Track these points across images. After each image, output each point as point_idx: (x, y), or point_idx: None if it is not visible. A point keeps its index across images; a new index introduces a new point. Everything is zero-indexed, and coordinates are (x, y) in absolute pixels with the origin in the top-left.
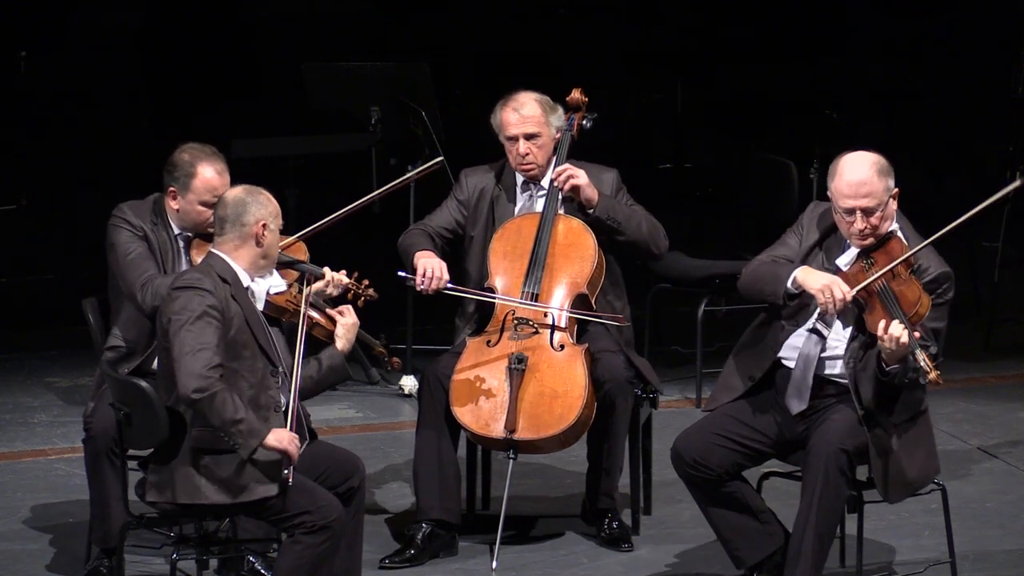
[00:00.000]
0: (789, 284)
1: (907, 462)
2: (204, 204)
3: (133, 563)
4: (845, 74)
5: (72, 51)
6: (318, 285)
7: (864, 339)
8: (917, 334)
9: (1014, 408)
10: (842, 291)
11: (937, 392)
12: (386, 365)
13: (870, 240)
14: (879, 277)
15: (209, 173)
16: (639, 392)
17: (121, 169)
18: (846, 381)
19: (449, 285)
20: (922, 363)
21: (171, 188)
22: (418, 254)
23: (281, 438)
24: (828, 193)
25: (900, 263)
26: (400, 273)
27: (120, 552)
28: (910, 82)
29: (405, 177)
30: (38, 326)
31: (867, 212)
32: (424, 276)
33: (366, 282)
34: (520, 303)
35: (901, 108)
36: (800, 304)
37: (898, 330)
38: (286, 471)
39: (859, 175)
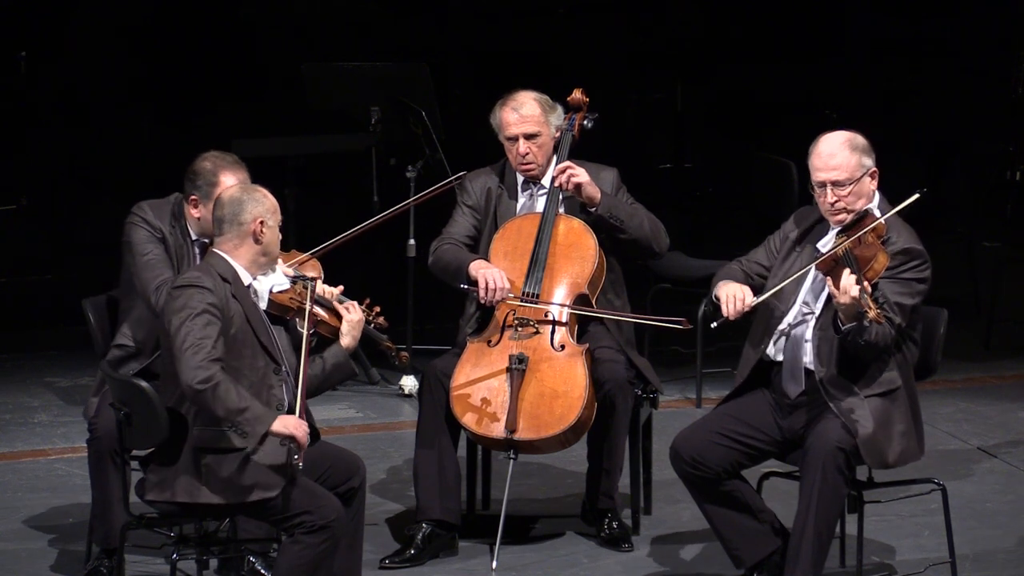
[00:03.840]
0: (713, 294)
1: (882, 434)
2: None
3: (133, 563)
4: (845, 74)
5: (72, 51)
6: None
7: (831, 312)
8: (868, 285)
9: (1014, 408)
10: (743, 293)
11: (937, 392)
12: (394, 360)
13: (843, 216)
14: (843, 244)
15: (231, 182)
16: (639, 392)
17: (121, 169)
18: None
19: (511, 294)
20: (865, 299)
21: (192, 196)
22: (473, 264)
23: (287, 424)
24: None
25: (866, 232)
26: (462, 285)
27: (120, 552)
28: (910, 82)
29: (425, 193)
30: (38, 326)
31: (837, 185)
32: (487, 288)
33: (377, 309)
34: (632, 317)
35: (901, 108)
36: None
37: (849, 280)
38: (296, 457)
39: (829, 148)
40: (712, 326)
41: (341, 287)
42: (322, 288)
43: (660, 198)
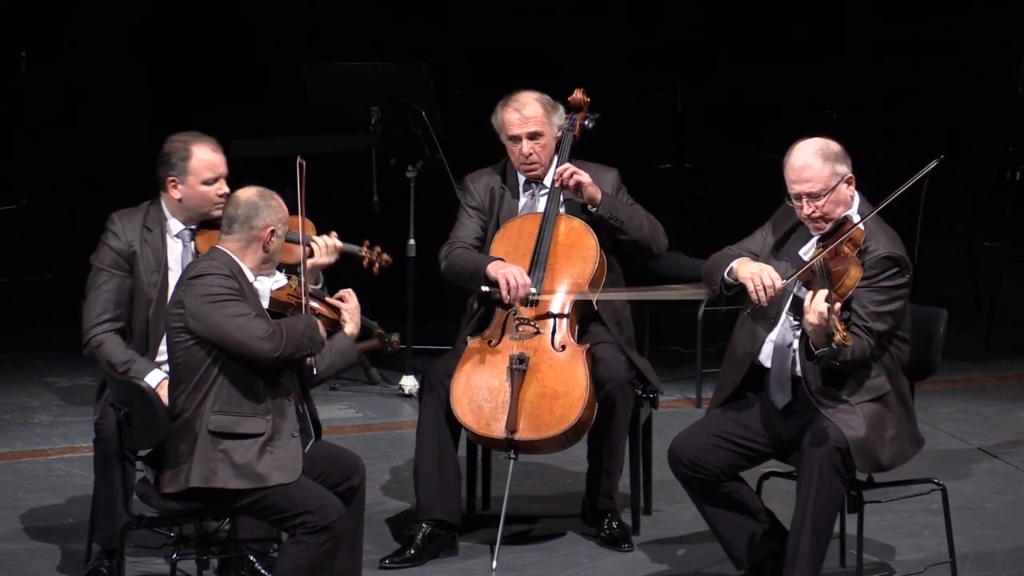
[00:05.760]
0: (726, 274)
1: (875, 437)
2: (206, 183)
3: (133, 563)
4: (845, 74)
5: (72, 51)
6: (311, 260)
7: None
8: (838, 306)
9: (1014, 408)
10: (771, 278)
11: (937, 392)
12: (386, 345)
13: (822, 224)
14: (818, 257)
15: (205, 152)
16: (639, 392)
17: (121, 170)
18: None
19: (533, 290)
20: (832, 320)
21: (170, 178)
22: (491, 265)
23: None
24: None
25: (841, 243)
26: (484, 288)
27: (121, 552)
28: (910, 82)
29: None
30: (38, 326)
31: (812, 197)
32: (510, 287)
33: (378, 248)
34: (652, 291)
35: (901, 108)
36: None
37: (818, 299)
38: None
39: (801, 160)
40: (746, 312)
41: (335, 233)
42: (324, 241)
43: (660, 198)
